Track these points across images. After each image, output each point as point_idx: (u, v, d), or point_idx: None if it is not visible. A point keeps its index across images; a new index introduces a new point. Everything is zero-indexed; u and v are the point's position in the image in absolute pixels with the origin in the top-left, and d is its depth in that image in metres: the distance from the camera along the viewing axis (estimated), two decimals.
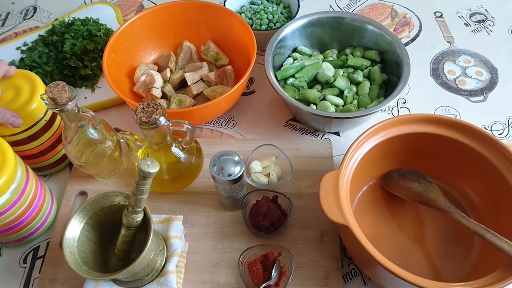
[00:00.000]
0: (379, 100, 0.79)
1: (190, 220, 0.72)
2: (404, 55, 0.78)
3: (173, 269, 0.64)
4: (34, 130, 0.70)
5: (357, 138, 0.65)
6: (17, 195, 0.63)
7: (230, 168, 0.64)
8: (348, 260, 0.69)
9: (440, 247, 0.68)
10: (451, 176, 0.72)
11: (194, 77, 0.84)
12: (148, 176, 0.53)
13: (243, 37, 0.83)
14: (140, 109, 0.61)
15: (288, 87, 0.81)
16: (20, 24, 1.07)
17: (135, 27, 0.85)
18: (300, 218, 0.71)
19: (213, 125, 0.85)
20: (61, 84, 0.60)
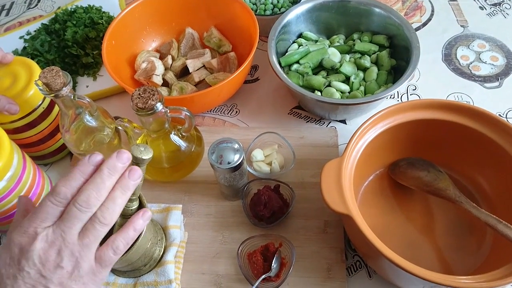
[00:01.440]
0: (387, 86, 0.76)
1: (190, 209, 0.70)
2: (413, 38, 0.74)
3: (172, 259, 0.62)
4: (32, 117, 0.69)
5: (362, 124, 0.62)
6: (14, 183, 0.62)
7: (229, 155, 0.62)
8: (353, 252, 0.66)
9: (450, 239, 0.65)
10: (462, 165, 0.68)
11: (196, 64, 0.82)
12: (141, 163, 0.51)
13: (246, 22, 0.81)
14: (136, 95, 0.59)
15: (292, 74, 0.78)
16: (24, 14, 1.07)
17: (136, 13, 0.83)
18: (303, 208, 0.68)
19: (216, 113, 0.83)
20: (55, 69, 0.58)
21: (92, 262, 0.41)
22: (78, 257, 0.40)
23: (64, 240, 0.39)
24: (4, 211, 0.64)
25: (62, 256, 0.39)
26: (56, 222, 0.40)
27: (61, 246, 0.39)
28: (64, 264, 0.39)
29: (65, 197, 0.40)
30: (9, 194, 0.62)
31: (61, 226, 0.39)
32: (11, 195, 0.62)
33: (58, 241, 0.39)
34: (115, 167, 0.42)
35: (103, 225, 0.41)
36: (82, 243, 0.40)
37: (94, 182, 0.41)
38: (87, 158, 0.42)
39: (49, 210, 0.40)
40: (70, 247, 0.39)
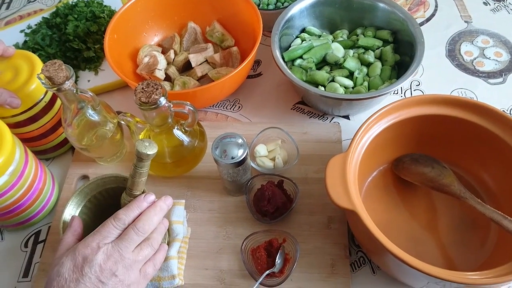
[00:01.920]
0: (391, 81, 0.75)
1: (193, 205, 0.70)
2: (418, 34, 0.74)
3: (175, 255, 0.62)
4: (34, 111, 0.68)
5: (367, 119, 0.62)
6: (16, 177, 0.62)
7: (233, 150, 0.61)
8: (356, 248, 0.66)
9: (454, 235, 0.64)
10: (466, 161, 0.68)
11: (198, 58, 0.82)
12: (145, 158, 0.51)
13: (249, 17, 0.80)
14: (139, 89, 0.58)
15: (295, 69, 0.78)
16: (25, 7, 1.06)
17: (139, 7, 0.83)
18: (307, 204, 0.68)
19: (218, 108, 0.83)
20: (58, 62, 0.58)
21: (137, 274, 0.50)
22: (129, 269, 0.49)
23: (121, 255, 0.49)
24: (6, 205, 0.63)
25: (118, 267, 0.48)
26: (115, 240, 0.50)
27: (118, 259, 0.48)
28: (118, 273, 0.48)
29: (124, 223, 0.51)
30: (11, 188, 0.62)
31: (119, 244, 0.49)
32: (13, 189, 0.62)
33: (116, 255, 0.48)
34: (162, 208, 0.54)
35: (153, 249, 0.52)
36: (135, 259, 0.50)
37: (148, 215, 0.52)
38: (143, 196, 0.54)
39: (110, 230, 0.50)
40: (125, 260, 0.49)
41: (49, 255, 0.67)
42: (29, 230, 0.71)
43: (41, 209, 0.70)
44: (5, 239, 0.70)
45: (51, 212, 0.72)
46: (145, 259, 0.52)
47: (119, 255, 0.49)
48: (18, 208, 0.65)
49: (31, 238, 0.70)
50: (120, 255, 0.49)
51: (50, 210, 0.72)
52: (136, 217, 0.52)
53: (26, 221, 0.69)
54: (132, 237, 0.50)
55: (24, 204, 0.66)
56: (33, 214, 0.69)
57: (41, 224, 0.71)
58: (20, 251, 0.69)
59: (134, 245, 0.50)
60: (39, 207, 0.69)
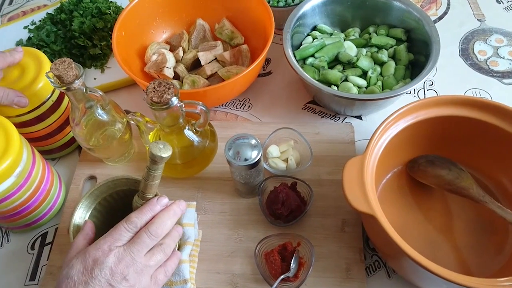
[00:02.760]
0: (405, 81, 0.74)
1: (203, 207, 0.68)
2: (433, 33, 0.72)
3: (186, 258, 0.61)
4: (41, 110, 0.66)
5: (384, 120, 0.60)
6: (23, 178, 0.60)
7: (247, 152, 0.60)
8: (371, 252, 0.65)
9: (470, 239, 0.63)
10: (483, 163, 0.66)
11: (208, 56, 0.80)
12: (159, 161, 0.49)
13: (260, 14, 0.78)
14: (151, 88, 0.57)
15: (307, 68, 0.76)
16: (28, 3, 1.04)
17: (146, 4, 0.81)
18: (320, 206, 0.67)
19: (228, 107, 0.81)
20: (67, 61, 0.56)
21: (148, 280, 0.49)
22: (140, 273, 0.48)
23: (132, 259, 0.47)
24: (13, 207, 0.62)
25: (129, 270, 0.47)
26: (127, 244, 0.48)
27: (129, 262, 0.47)
28: (129, 277, 0.47)
29: (136, 226, 0.49)
30: (19, 190, 0.60)
31: (131, 247, 0.48)
32: (21, 191, 0.60)
33: (128, 258, 0.47)
34: (176, 212, 0.52)
35: (165, 255, 0.51)
36: (146, 263, 0.48)
37: (162, 218, 0.51)
38: (155, 199, 0.52)
39: (122, 233, 0.48)
40: (136, 264, 0.47)
41: (56, 258, 0.65)
42: (36, 232, 0.69)
43: (48, 210, 0.68)
44: (11, 241, 0.69)
45: (58, 213, 0.70)
46: (157, 264, 0.50)
47: (130, 259, 0.47)
48: (25, 210, 0.64)
49: (37, 240, 0.69)
50: (132, 258, 0.47)
51: (57, 211, 0.70)
52: (148, 221, 0.51)
53: (32, 223, 0.67)
54: (145, 241, 0.49)
55: (31, 206, 0.64)
56: (40, 216, 0.67)
57: (47, 226, 0.70)
58: (27, 254, 0.67)
59: (146, 249, 0.49)
60: (46, 209, 0.67)
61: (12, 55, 0.63)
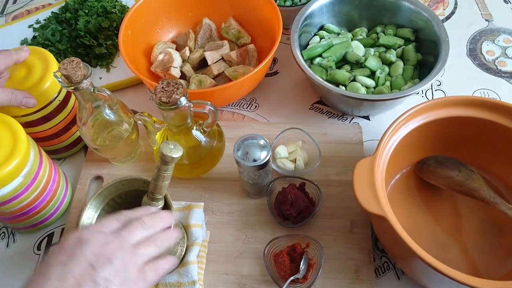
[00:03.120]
0: (413, 81, 0.73)
1: (211, 207, 0.68)
2: (442, 33, 0.72)
3: (194, 259, 0.60)
4: (47, 110, 0.66)
5: (394, 121, 0.60)
6: (30, 179, 0.59)
7: (256, 152, 0.59)
8: (380, 253, 0.64)
9: (480, 241, 0.63)
10: (493, 164, 0.66)
11: (214, 56, 0.79)
12: (170, 161, 0.49)
13: (267, 14, 0.78)
14: (159, 88, 0.56)
15: (315, 67, 0.76)
16: (33, 1, 1.03)
17: (152, 3, 0.80)
18: (329, 207, 0.66)
19: (235, 107, 0.80)
20: (76, 60, 0.56)
21: (136, 271, 0.43)
22: (128, 262, 0.42)
23: (120, 244, 0.42)
24: (20, 208, 0.61)
25: (115, 254, 0.41)
26: (117, 230, 0.44)
27: (116, 247, 0.42)
28: (115, 261, 0.41)
29: (126, 217, 0.46)
30: (26, 190, 0.60)
31: (122, 232, 0.44)
32: (28, 191, 0.60)
33: (115, 243, 0.42)
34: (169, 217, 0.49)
35: (157, 248, 0.45)
36: (135, 251, 0.43)
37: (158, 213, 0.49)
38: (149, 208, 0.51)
39: (112, 223, 0.45)
40: (124, 250, 0.42)
41: None
42: (42, 232, 0.69)
43: (55, 211, 0.68)
44: (17, 242, 0.68)
45: (64, 214, 0.70)
46: (147, 256, 0.44)
47: (118, 243, 0.42)
48: (32, 211, 0.63)
49: (44, 240, 0.68)
50: (120, 243, 0.42)
51: (63, 212, 0.70)
52: None
53: (39, 223, 0.67)
54: (136, 227, 0.44)
55: (38, 206, 0.64)
56: (46, 216, 0.67)
57: (54, 226, 0.69)
58: (33, 254, 0.67)
59: (136, 236, 0.44)
60: (52, 209, 0.67)
61: (18, 53, 0.62)
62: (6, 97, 0.58)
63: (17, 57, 0.62)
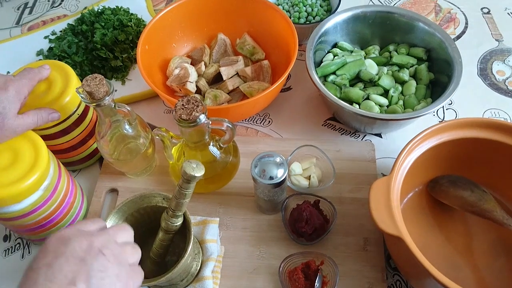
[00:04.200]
0: (426, 101, 0.74)
1: (225, 222, 0.69)
2: (455, 54, 0.73)
3: (209, 275, 0.61)
4: (66, 124, 0.67)
5: (409, 142, 0.61)
6: (50, 192, 0.60)
7: (272, 170, 0.60)
8: (392, 271, 0.65)
9: (492, 262, 0.63)
10: (504, 185, 0.67)
11: (229, 71, 0.80)
12: (192, 180, 0.50)
13: (282, 31, 0.79)
14: (179, 105, 0.57)
15: (329, 85, 0.77)
16: (48, 12, 1.04)
17: (170, 18, 0.81)
18: (342, 224, 0.67)
19: (248, 122, 0.81)
20: (99, 77, 0.57)
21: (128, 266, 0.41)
22: (119, 255, 0.40)
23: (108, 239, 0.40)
24: (38, 220, 0.62)
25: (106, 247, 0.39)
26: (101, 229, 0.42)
27: (105, 240, 0.40)
28: (107, 253, 0.39)
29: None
30: (45, 203, 0.60)
31: (108, 230, 0.42)
32: (47, 204, 0.61)
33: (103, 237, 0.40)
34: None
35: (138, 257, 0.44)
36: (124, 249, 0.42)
37: None
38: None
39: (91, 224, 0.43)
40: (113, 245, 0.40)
41: None
42: None
43: (71, 223, 0.68)
44: (32, 253, 0.69)
45: None
46: (133, 260, 0.43)
47: (106, 238, 0.40)
48: (49, 223, 0.64)
49: None
50: (107, 239, 0.40)
51: None
52: None
53: None
54: (121, 228, 0.43)
55: (55, 219, 0.64)
56: None
57: None
58: None
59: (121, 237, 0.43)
60: (69, 222, 0.67)
61: (40, 73, 0.63)
62: (32, 121, 0.59)
63: (40, 78, 0.63)
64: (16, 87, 0.57)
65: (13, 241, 0.70)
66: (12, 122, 0.56)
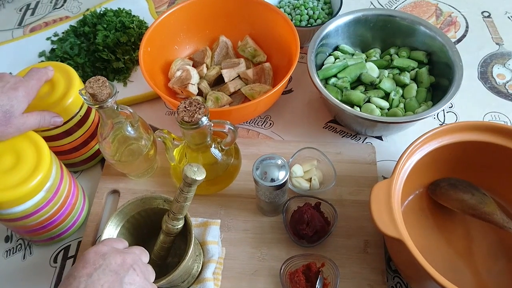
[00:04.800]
0: (427, 104, 0.75)
1: (226, 224, 0.69)
2: (456, 57, 0.73)
3: (210, 277, 0.61)
4: (68, 125, 0.67)
5: (410, 145, 0.61)
6: (52, 193, 0.60)
7: (274, 172, 0.61)
8: (393, 273, 0.65)
9: (492, 265, 0.64)
10: (504, 188, 0.67)
11: (231, 74, 0.81)
12: (193, 183, 0.50)
13: (284, 34, 0.79)
14: (182, 108, 0.58)
15: (330, 88, 0.77)
16: (50, 14, 1.05)
17: (172, 20, 0.82)
18: (343, 226, 0.67)
19: (250, 124, 0.82)
20: (102, 79, 0.57)
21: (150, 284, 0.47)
22: (145, 273, 0.47)
23: (135, 258, 0.46)
24: (40, 221, 0.62)
25: (136, 264, 0.45)
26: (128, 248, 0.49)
27: (134, 259, 0.46)
28: (137, 269, 0.45)
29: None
30: (47, 204, 0.61)
31: (134, 250, 0.48)
32: (49, 205, 0.61)
33: (132, 256, 0.46)
34: None
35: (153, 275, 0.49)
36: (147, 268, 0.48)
37: None
38: None
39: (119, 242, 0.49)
40: (140, 264, 0.46)
41: None
42: (58, 245, 0.70)
43: (72, 224, 0.68)
44: (34, 254, 0.69)
45: (81, 227, 0.71)
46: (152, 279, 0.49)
47: (134, 257, 0.46)
48: (51, 224, 0.64)
49: (60, 253, 0.69)
50: (135, 258, 0.46)
51: (80, 225, 0.71)
52: None
53: (56, 236, 0.68)
54: (146, 252, 0.50)
55: (57, 220, 0.65)
56: (64, 230, 0.67)
57: (70, 239, 0.70)
58: (50, 267, 0.68)
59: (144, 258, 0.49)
60: (70, 223, 0.68)
61: (46, 74, 0.64)
62: (35, 121, 0.60)
63: (46, 78, 0.64)
64: (25, 88, 0.59)
65: (15, 242, 0.70)
66: (18, 120, 0.58)
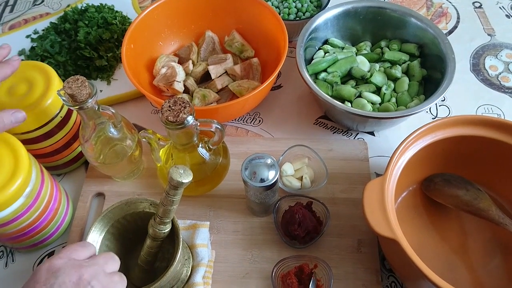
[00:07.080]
0: (419, 98, 0.73)
1: (216, 226, 0.67)
2: (448, 50, 0.72)
3: (200, 281, 0.59)
4: (49, 127, 0.64)
5: (403, 141, 0.59)
6: (32, 198, 0.58)
7: (263, 172, 0.59)
8: (387, 273, 0.64)
9: (487, 261, 0.62)
10: (499, 183, 0.66)
11: (218, 70, 0.78)
12: (180, 186, 0.48)
13: (272, 28, 0.77)
14: (166, 107, 0.55)
15: (320, 83, 0.75)
16: (30, 10, 1.01)
17: (155, 15, 0.79)
18: (335, 225, 0.66)
19: (238, 122, 0.79)
20: (81, 79, 0.54)
21: None
22: (107, 286, 0.42)
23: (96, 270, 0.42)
24: (21, 228, 0.59)
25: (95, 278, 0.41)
26: (90, 258, 0.45)
27: (94, 272, 0.42)
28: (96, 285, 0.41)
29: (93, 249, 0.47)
30: (27, 211, 0.58)
31: (97, 259, 0.44)
32: (30, 211, 0.58)
33: (93, 268, 0.42)
34: None
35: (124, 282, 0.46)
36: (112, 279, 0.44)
37: None
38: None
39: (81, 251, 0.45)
40: (101, 277, 0.42)
41: None
42: (42, 251, 0.67)
43: (56, 229, 0.66)
44: (16, 261, 0.67)
45: (65, 232, 0.68)
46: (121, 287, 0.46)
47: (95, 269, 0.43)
48: (33, 231, 0.62)
49: (44, 259, 0.67)
50: (96, 270, 0.42)
51: (64, 230, 0.68)
52: None
53: (39, 242, 0.65)
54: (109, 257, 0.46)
55: (39, 226, 0.62)
56: (47, 236, 0.65)
57: (54, 245, 0.68)
58: None
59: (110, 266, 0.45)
60: (53, 228, 0.65)
61: (10, 63, 0.57)
62: None
63: (12, 71, 0.58)
64: None
65: None
66: None
